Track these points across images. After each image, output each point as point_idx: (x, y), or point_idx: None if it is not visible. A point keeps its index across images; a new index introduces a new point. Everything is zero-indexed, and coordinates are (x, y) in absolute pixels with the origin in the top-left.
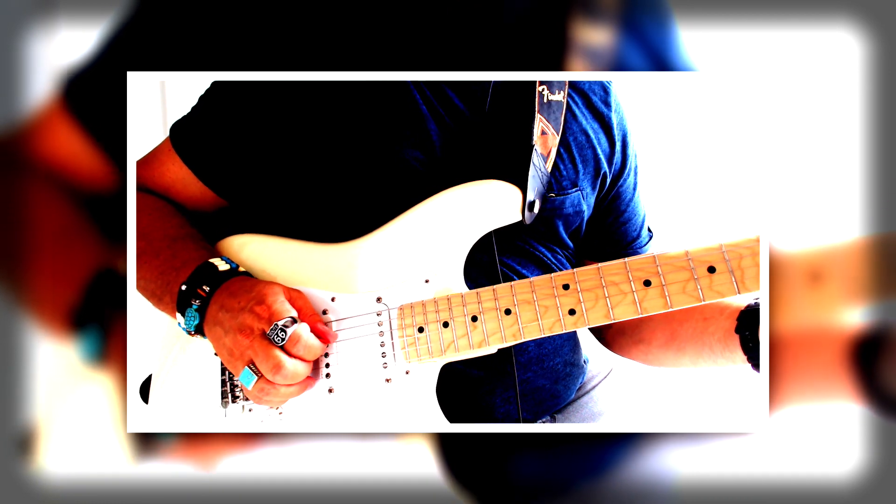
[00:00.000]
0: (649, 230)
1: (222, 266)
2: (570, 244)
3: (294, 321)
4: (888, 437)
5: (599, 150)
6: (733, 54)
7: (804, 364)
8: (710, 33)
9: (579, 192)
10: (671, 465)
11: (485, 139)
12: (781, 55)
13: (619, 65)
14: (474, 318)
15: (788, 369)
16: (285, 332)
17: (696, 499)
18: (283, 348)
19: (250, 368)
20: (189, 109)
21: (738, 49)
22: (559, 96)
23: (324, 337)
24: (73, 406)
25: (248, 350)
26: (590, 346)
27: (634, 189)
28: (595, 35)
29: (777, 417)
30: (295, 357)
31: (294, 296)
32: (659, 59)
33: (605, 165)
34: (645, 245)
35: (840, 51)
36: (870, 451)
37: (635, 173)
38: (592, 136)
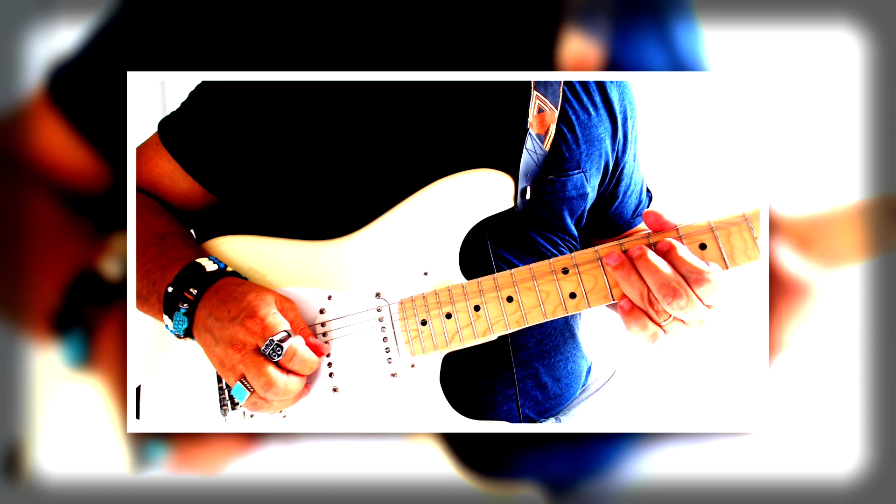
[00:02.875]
0: (648, 191)
1: (210, 266)
2: (576, 233)
3: (289, 335)
4: (888, 437)
5: (602, 129)
6: (733, 54)
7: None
8: (709, 33)
9: (582, 173)
10: (652, 466)
11: (477, 125)
12: (781, 55)
13: (623, 45)
14: (477, 308)
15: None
16: (281, 347)
17: (696, 499)
18: (277, 363)
19: (242, 384)
20: (178, 106)
21: (738, 49)
22: None
23: (317, 350)
24: (64, 410)
25: (239, 364)
26: (593, 350)
27: (635, 159)
28: None
29: (777, 417)
30: (290, 371)
31: (286, 307)
32: (674, 56)
33: (608, 149)
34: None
35: (840, 51)
36: (870, 451)
37: (635, 143)
38: (594, 114)
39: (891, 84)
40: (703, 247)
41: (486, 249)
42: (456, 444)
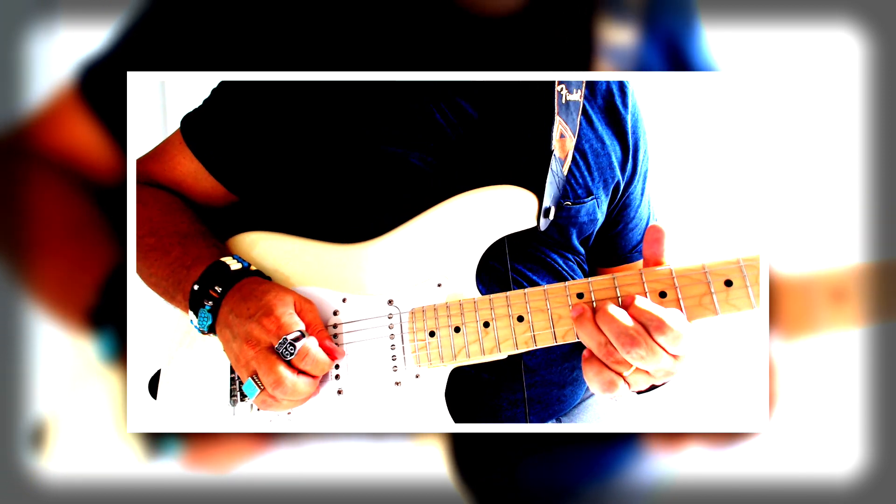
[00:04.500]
0: None
1: (234, 265)
2: (582, 251)
3: (302, 335)
4: (888, 437)
5: (614, 158)
6: (733, 54)
7: None
8: (709, 33)
9: (594, 199)
10: (657, 467)
11: (502, 142)
12: (781, 55)
13: (640, 64)
14: (486, 325)
15: None
16: (294, 346)
17: (696, 499)
18: (289, 363)
19: (253, 380)
20: (200, 102)
21: (738, 49)
22: (576, 95)
23: (331, 353)
24: (82, 403)
25: (251, 361)
26: None
27: (643, 194)
28: (620, 35)
29: (777, 417)
30: (302, 371)
31: (305, 308)
32: (679, 58)
33: (618, 174)
34: None
35: (840, 51)
36: (870, 451)
37: (644, 178)
38: (608, 142)
39: (891, 84)
40: (728, 283)
41: (505, 263)
42: (459, 455)
